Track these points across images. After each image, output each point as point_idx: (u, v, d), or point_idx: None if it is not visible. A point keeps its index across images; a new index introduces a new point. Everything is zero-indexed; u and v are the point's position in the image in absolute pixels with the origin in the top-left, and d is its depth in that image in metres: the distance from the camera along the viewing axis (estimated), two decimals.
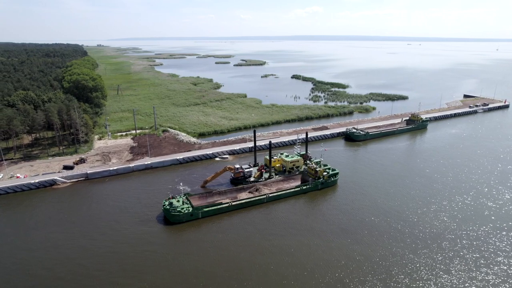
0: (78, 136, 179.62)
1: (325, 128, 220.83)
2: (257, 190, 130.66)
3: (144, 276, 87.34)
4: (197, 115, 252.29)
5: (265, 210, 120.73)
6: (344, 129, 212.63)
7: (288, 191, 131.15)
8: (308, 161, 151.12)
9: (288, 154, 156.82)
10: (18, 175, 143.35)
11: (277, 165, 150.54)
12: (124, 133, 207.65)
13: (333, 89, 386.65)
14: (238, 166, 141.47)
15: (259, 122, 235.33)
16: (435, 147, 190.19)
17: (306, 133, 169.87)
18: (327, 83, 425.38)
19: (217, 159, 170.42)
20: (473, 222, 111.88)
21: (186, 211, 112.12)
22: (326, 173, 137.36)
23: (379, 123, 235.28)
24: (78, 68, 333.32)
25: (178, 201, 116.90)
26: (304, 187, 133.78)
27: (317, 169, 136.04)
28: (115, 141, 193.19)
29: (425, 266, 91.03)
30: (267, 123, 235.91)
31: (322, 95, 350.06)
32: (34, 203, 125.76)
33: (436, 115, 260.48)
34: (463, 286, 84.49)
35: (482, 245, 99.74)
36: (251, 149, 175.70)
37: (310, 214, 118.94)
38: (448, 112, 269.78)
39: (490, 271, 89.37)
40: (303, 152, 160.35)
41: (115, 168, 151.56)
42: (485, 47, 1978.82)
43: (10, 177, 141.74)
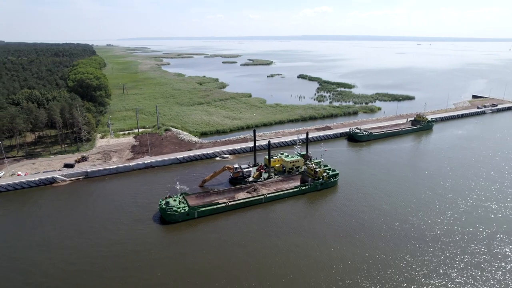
0: (80, 134, 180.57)
1: (328, 128, 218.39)
2: (255, 190, 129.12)
3: (139, 275, 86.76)
4: (200, 115, 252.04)
5: (262, 211, 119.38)
6: (347, 129, 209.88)
7: (286, 191, 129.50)
8: (308, 161, 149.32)
9: (288, 154, 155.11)
10: (19, 172, 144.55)
11: (276, 165, 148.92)
12: (126, 132, 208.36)
13: (339, 89, 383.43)
14: (237, 165, 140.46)
15: (262, 121, 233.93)
16: (440, 148, 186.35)
17: (307, 133, 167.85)
18: (333, 83, 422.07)
19: (217, 158, 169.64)
20: (477, 226, 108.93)
21: (182, 211, 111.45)
22: (326, 173, 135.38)
23: (383, 123, 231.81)
24: (84, 67, 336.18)
25: (175, 200, 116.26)
26: (303, 188, 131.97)
27: (317, 170, 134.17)
28: (117, 139, 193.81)
29: (425, 268, 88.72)
30: (270, 123, 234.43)
31: (327, 95, 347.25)
32: (32, 201, 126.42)
33: (443, 115, 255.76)
34: None
35: (486, 249, 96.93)
36: (251, 149, 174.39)
37: (308, 215, 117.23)
38: (455, 113, 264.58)
39: (491, 276, 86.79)
40: (303, 152, 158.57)
41: (115, 166, 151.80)
42: (497, 47, 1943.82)
43: (11, 175, 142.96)
